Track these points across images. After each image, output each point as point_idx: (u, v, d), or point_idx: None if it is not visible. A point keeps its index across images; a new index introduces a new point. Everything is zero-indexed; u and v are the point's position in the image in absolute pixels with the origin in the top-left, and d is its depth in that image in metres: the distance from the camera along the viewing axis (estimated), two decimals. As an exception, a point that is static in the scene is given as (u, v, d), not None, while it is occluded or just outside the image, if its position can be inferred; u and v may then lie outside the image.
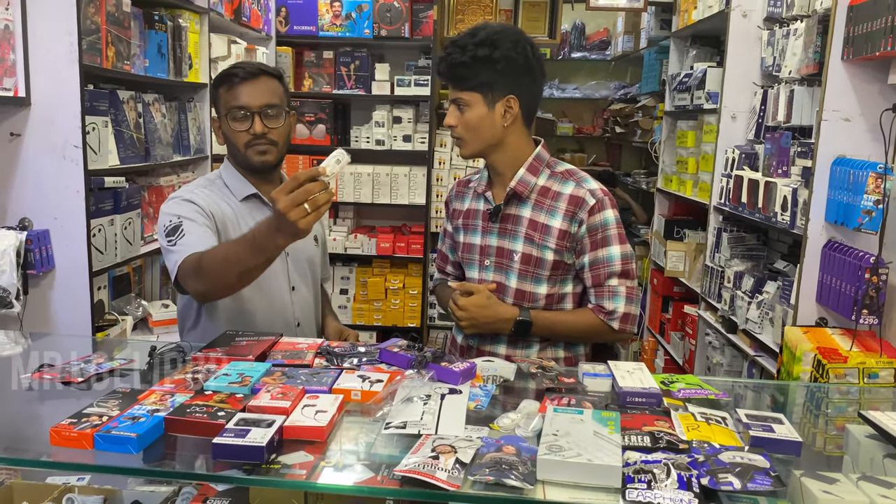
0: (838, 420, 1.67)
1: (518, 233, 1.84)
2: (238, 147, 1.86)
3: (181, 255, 1.69)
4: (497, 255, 1.87)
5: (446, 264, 2.10)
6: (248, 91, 1.84)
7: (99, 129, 2.43)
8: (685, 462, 1.14)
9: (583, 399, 1.40)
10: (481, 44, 1.73)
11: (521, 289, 1.84)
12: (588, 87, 6.39)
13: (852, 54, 2.34)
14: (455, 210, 2.01)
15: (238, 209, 1.89)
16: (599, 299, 1.83)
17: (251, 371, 1.44)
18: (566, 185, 1.83)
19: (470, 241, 1.93)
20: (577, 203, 1.80)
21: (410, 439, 1.23)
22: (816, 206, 2.46)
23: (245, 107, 1.83)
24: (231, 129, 1.85)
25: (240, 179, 1.92)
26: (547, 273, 1.82)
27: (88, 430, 1.18)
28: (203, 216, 1.79)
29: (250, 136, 1.84)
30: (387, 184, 4.35)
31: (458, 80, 1.77)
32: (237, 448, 1.14)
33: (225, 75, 1.86)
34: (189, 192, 1.85)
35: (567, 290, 1.88)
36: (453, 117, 1.81)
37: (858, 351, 2.24)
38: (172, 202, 1.83)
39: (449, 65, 1.77)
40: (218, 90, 1.88)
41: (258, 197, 1.91)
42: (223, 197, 1.89)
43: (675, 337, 4.13)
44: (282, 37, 4.28)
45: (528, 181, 1.84)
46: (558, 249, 1.81)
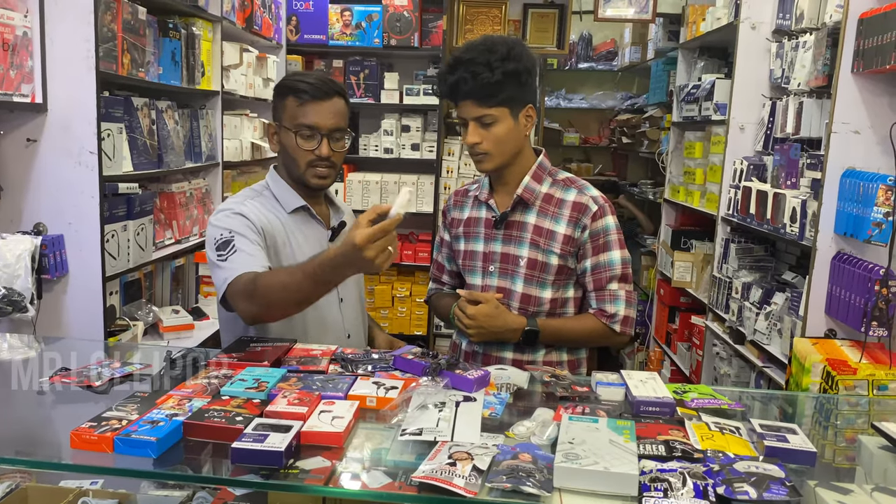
0: (849, 431, 1.67)
1: (524, 238, 1.87)
2: (298, 164, 1.82)
3: (232, 273, 1.67)
4: (502, 261, 1.90)
5: (442, 274, 2.11)
6: (321, 110, 1.79)
7: (114, 136, 2.45)
8: (701, 471, 1.15)
9: (597, 408, 1.41)
10: (506, 59, 1.73)
11: (527, 293, 1.88)
12: (595, 98, 6.42)
13: (862, 67, 2.35)
14: (454, 219, 2.03)
15: (287, 221, 1.86)
16: (601, 303, 1.88)
17: (267, 377, 1.46)
18: (569, 192, 1.88)
19: (472, 249, 1.95)
20: (580, 209, 1.85)
21: (426, 446, 1.24)
22: (826, 218, 2.47)
23: (315, 127, 1.79)
24: (295, 145, 1.80)
25: (289, 191, 1.89)
26: (552, 277, 1.87)
27: (108, 434, 1.19)
28: (254, 231, 1.76)
29: (314, 157, 1.81)
30: (395, 192, 4.37)
31: (486, 98, 1.75)
32: (256, 453, 1.15)
33: (296, 87, 1.80)
34: (239, 205, 1.81)
35: (569, 295, 1.92)
36: (476, 135, 1.78)
37: (868, 363, 2.24)
38: (222, 214, 1.79)
39: (479, 84, 1.73)
40: (285, 99, 1.82)
41: (307, 210, 1.89)
42: (272, 209, 1.86)
43: (682, 347, 4.13)
44: (292, 45, 4.31)
45: (534, 189, 1.88)
46: (563, 254, 1.85)
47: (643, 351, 5.06)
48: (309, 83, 1.80)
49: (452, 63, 1.78)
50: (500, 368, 1.63)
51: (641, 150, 5.43)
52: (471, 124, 1.79)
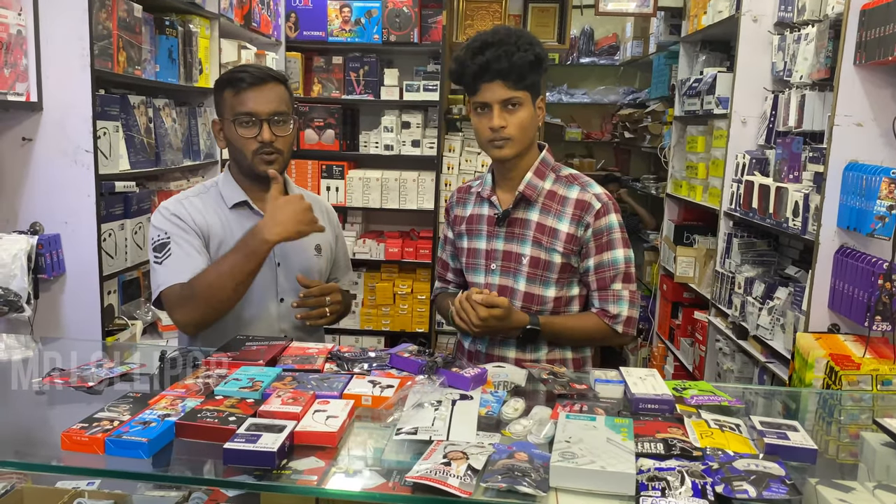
0: (852, 427, 1.65)
1: (526, 236, 1.85)
2: (244, 154, 1.83)
3: (165, 280, 1.76)
4: (504, 259, 1.88)
5: (447, 272, 2.10)
6: (256, 97, 1.80)
7: (110, 134, 2.44)
8: (699, 469, 1.13)
9: (595, 405, 1.39)
10: (533, 44, 1.75)
11: (529, 292, 1.86)
12: (597, 93, 6.39)
13: (865, 59, 2.32)
14: (457, 216, 2.01)
15: (227, 217, 1.87)
16: (604, 303, 1.86)
17: (262, 376, 1.44)
18: (571, 189, 1.86)
19: (475, 246, 1.93)
20: (583, 207, 1.83)
21: (422, 445, 1.23)
22: (828, 212, 2.44)
23: (253, 113, 1.79)
24: (237, 135, 1.81)
25: (233, 187, 1.90)
26: (555, 276, 1.84)
27: (99, 435, 1.18)
28: (189, 233, 1.80)
29: (258, 144, 1.81)
30: (395, 189, 4.35)
31: (516, 79, 1.73)
32: (248, 453, 1.14)
33: (231, 78, 1.81)
34: (178, 204, 1.86)
35: (574, 293, 1.89)
36: (502, 118, 1.75)
37: (871, 357, 2.22)
38: (161, 215, 1.84)
39: (513, 64, 1.71)
40: (222, 93, 1.83)
41: (247, 204, 1.89)
42: (214, 205, 1.88)
43: (685, 343, 4.11)
44: (291, 42, 4.29)
45: (536, 185, 1.86)
46: (566, 253, 1.83)
47: (646, 347, 5.04)
48: (240, 72, 1.83)
49: (480, 46, 1.74)
50: (497, 366, 1.62)
51: (644, 145, 5.40)
52: (496, 107, 1.75)
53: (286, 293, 1.91)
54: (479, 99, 1.77)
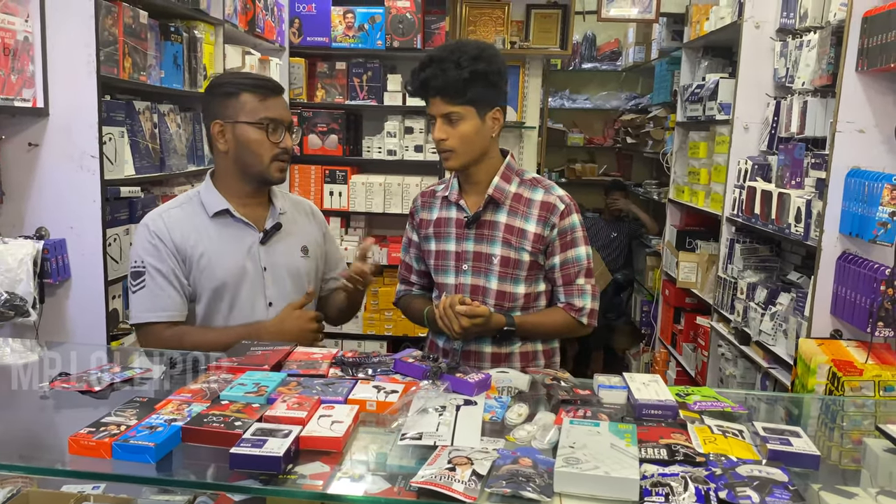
0: (854, 433, 1.66)
1: (496, 237, 1.93)
2: (262, 159, 1.86)
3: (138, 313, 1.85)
4: (475, 260, 1.95)
5: (411, 274, 2.16)
6: (281, 105, 1.88)
7: (115, 140, 2.45)
8: (703, 475, 1.14)
9: (598, 411, 1.40)
10: (477, 59, 1.80)
11: (501, 290, 1.94)
12: (599, 98, 6.40)
13: (867, 66, 2.33)
14: (422, 220, 2.06)
15: (208, 227, 1.89)
16: (569, 297, 1.97)
17: (267, 381, 1.45)
18: (536, 191, 1.95)
19: (444, 248, 2.00)
20: (548, 209, 1.93)
21: (426, 450, 1.24)
22: (831, 218, 2.45)
23: (279, 120, 1.86)
24: (262, 139, 1.84)
25: (215, 195, 1.91)
26: (524, 273, 1.94)
27: (107, 440, 1.19)
28: (164, 262, 1.84)
29: (279, 150, 1.86)
30: (398, 193, 4.36)
31: (454, 95, 1.81)
32: (254, 458, 1.15)
33: (253, 84, 1.86)
34: (158, 219, 1.88)
35: (541, 289, 1.99)
36: (443, 131, 1.85)
37: (874, 364, 2.22)
38: (141, 237, 1.87)
39: (447, 80, 1.80)
40: (237, 97, 1.84)
41: (229, 212, 1.90)
42: (195, 215, 1.90)
43: (688, 348, 4.12)
44: (295, 48, 4.31)
45: (504, 188, 1.94)
46: (533, 251, 1.92)
47: (649, 352, 5.04)
48: (260, 79, 1.90)
49: (424, 61, 1.85)
50: (501, 371, 1.62)
51: (646, 151, 5.41)
52: (438, 121, 1.85)
53: (275, 299, 1.92)
54: (428, 111, 1.89)
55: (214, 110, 1.89)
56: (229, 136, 1.87)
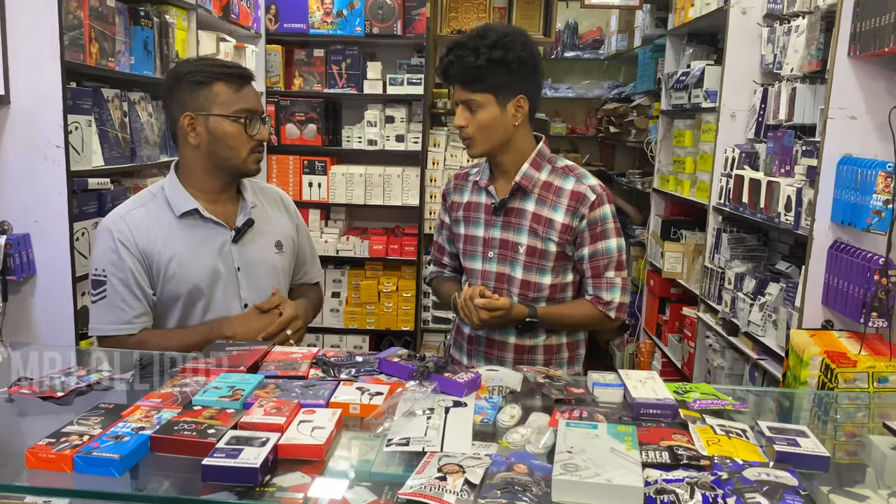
0: (849, 427, 1.61)
1: (522, 226, 1.91)
2: (239, 152, 1.77)
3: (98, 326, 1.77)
4: (501, 248, 1.93)
5: (443, 255, 2.15)
6: (253, 95, 1.79)
7: (82, 129, 2.34)
8: (709, 481, 1.07)
9: (594, 411, 1.33)
10: (494, 46, 1.76)
11: (526, 279, 1.91)
12: (581, 87, 6.33)
13: (859, 51, 2.28)
14: (454, 202, 2.05)
15: (175, 227, 1.79)
16: (598, 290, 1.93)
17: (243, 383, 1.36)
18: (567, 180, 1.91)
19: (472, 234, 1.98)
20: (578, 199, 1.88)
21: (414, 457, 1.16)
22: (822, 206, 2.40)
23: (256, 111, 1.78)
24: (239, 132, 1.75)
25: (182, 194, 1.81)
26: (551, 264, 1.90)
27: (67, 452, 1.10)
28: (125, 271, 1.74)
29: (255, 143, 1.78)
30: (379, 184, 4.27)
31: (471, 83, 1.79)
32: (229, 470, 1.07)
33: (225, 73, 1.76)
34: (121, 221, 1.76)
35: (569, 280, 1.96)
36: (463, 118, 1.83)
37: (867, 354, 2.18)
38: (102, 242, 1.76)
39: (463, 68, 1.77)
40: (209, 86, 1.74)
41: (198, 212, 1.80)
42: (161, 214, 1.80)
43: (673, 339, 4.08)
44: (271, 35, 4.19)
45: (532, 176, 1.90)
46: (561, 242, 1.89)
47: (633, 343, 5.00)
48: (232, 67, 1.79)
49: (450, 46, 1.83)
50: (490, 370, 1.55)
51: (629, 140, 5.35)
52: (459, 107, 1.84)
53: (251, 300, 1.84)
54: (452, 97, 1.87)
55: (182, 101, 1.76)
56: (201, 129, 1.75)
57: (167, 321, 1.82)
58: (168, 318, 1.82)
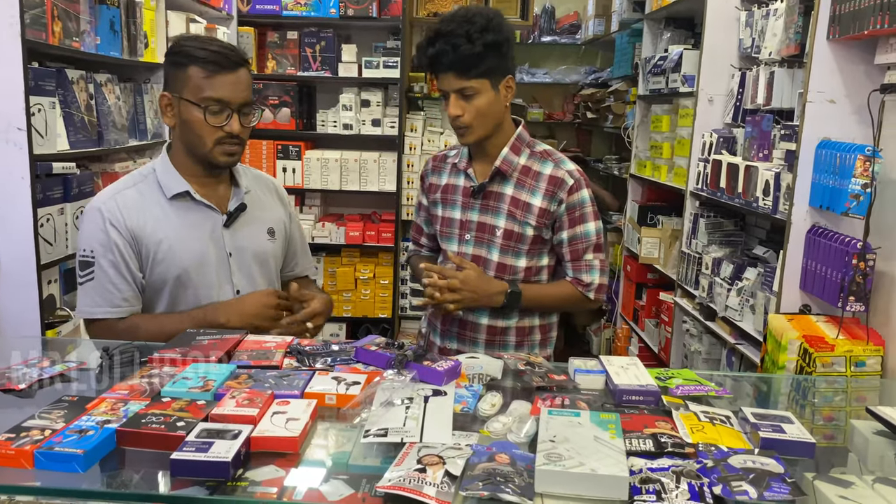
0: (830, 412, 1.61)
1: (500, 209, 1.91)
2: (204, 141, 1.69)
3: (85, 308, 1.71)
4: (478, 230, 1.93)
5: (421, 236, 2.16)
6: (230, 84, 1.67)
7: (45, 111, 2.25)
8: (694, 469, 1.05)
9: (576, 398, 1.30)
10: (486, 30, 1.74)
11: (502, 262, 1.92)
12: (558, 72, 6.29)
13: (838, 34, 2.27)
14: (432, 184, 2.05)
15: (167, 209, 1.74)
16: (577, 272, 1.95)
17: (214, 374, 1.32)
18: (545, 165, 1.92)
19: (450, 216, 1.98)
20: (556, 183, 1.89)
21: (392, 448, 1.12)
22: (801, 191, 2.40)
23: (226, 102, 1.66)
24: (201, 120, 1.66)
25: (173, 175, 1.75)
26: (527, 247, 1.91)
27: (28, 447, 1.04)
28: (115, 252, 1.68)
29: (223, 134, 1.68)
30: (355, 170, 4.21)
31: (467, 70, 1.75)
32: (199, 464, 1.02)
33: (203, 57, 1.65)
34: (111, 201, 1.71)
35: (543, 264, 1.97)
36: (459, 107, 1.79)
37: (845, 339, 2.18)
38: (91, 222, 1.71)
39: (459, 56, 1.73)
40: (185, 68, 1.66)
41: (189, 195, 1.75)
42: (152, 196, 1.74)
43: (650, 324, 4.08)
44: (243, 16, 4.10)
45: (512, 160, 1.91)
46: (538, 226, 1.89)
47: (610, 328, 5.01)
48: (214, 51, 1.66)
49: (432, 36, 1.77)
50: (470, 357, 1.51)
51: (606, 126, 5.33)
52: (452, 96, 1.80)
53: (243, 286, 1.79)
54: (439, 87, 1.82)
55: (166, 79, 1.73)
56: (175, 110, 1.71)
57: (155, 306, 1.76)
58: (157, 304, 1.76)
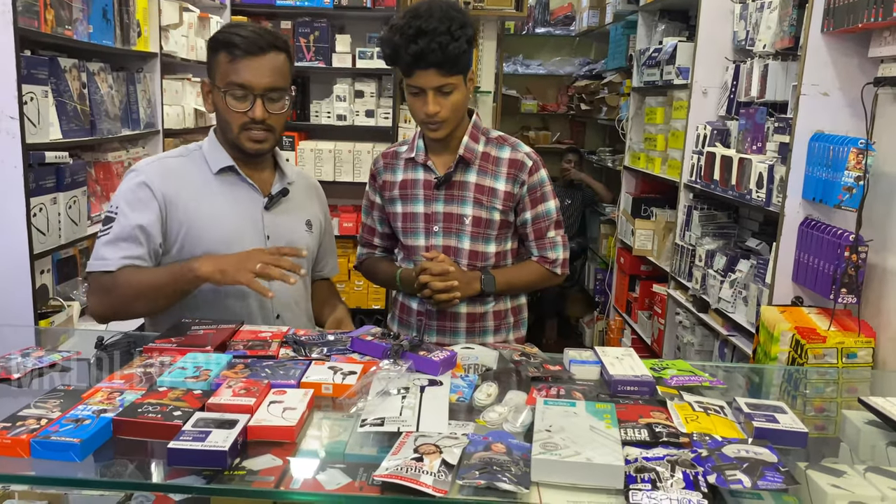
0: (821, 403, 1.62)
1: (466, 198, 1.92)
2: (232, 127, 1.67)
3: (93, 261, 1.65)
4: (446, 221, 1.93)
5: (374, 237, 2.12)
6: (254, 68, 1.63)
7: (38, 100, 2.24)
8: (689, 458, 1.06)
9: (572, 388, 1.31)
10: (464, 25, 1.75)
11: (474, 250, 1.94)
12: (552, 64, 6.29)
13: (833, 26, 2.27)
14: (386, 182, 2.01)
15: (210, 183, 1.72)
16: (542, 251, 2.00)
17: (210, 364, 1.32)
18: (503, 150, 1.95)
19: (412, 211, 1.96)
20: (517, 166, 1.93)
21: (389, 437, 1.13)
22: (794, 183, 2.41)
23: (247, 86, 1.63)
24: (227, 106, 1.65)
25: (219, 151, 1.74)
26: (495, 232, 1.94)
27: (24, 436, 1.04)
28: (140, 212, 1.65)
29: (247, 119, 1.65)
30: (349, 161, 4.20)
31: (450, 67, 1.74)
32: (196, 453, 1.02)
33: (227, 41, 1.64)
34: (150, 165, 1.72)
35: (509, 247, 2.01)
36: (436, 104, 1.77)
37: (836, 330, 2.20)
38: (128, 178, 1.71)
39: (446, 54, 1.70)
40: (216, 54, 1.66)
41: (234, 170, 1.73)
42: (195, 169, 1.73)
43: (643, 316, 4.10)
44: (237, 6, 4.07)
45: (473, 148, 1.92)
46: (504, 210, 1.93)
47: (602, 320, 5.03)
48: (242, 36, 1.64)
49: (414, 33, 1.71)
50: (466, 347, 1.52)
51: (600, 117, 5.34)
52: (430, 94, 1.77)
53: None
54: (413, 83, 1.78)
55: (207, 67, 1.72)
56: (211, 97, 1.71)
57: None
58: None
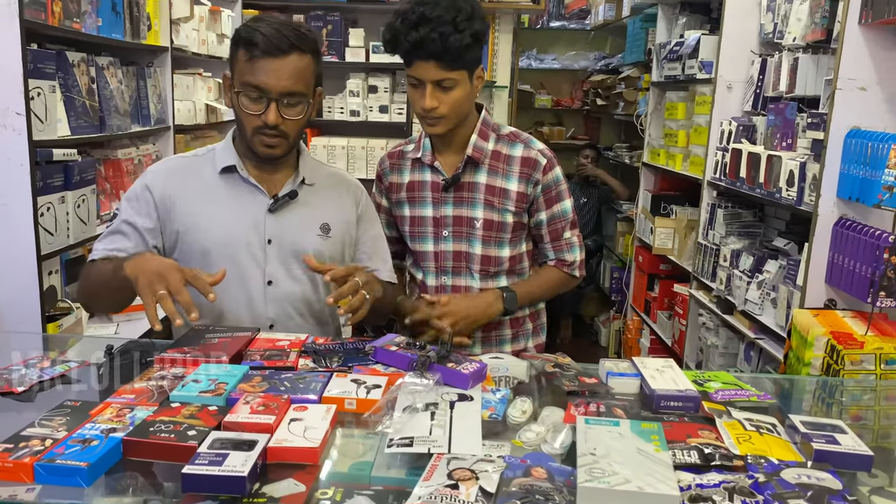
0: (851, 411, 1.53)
1: (476, 200, 1.84)
2: (244, 128, 1.59)
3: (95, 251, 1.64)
4: (455, 225, 1.85)
5: None
6: (272, 70, 1.52)
7: (45, 95, 2.16)
8: (747, 485, 0.97)
9: (612, 405, 1.22)
10: (472, 18, 1.66)
11: (486, 255, 1.85)
12: (567, 58, 6.19)
13: (871, 18, 2.17)
14: (392, 184, 1.93)
15: (213, 182, 1.65)
16: (559, 253, 1.92)
17: (226, 376, 1.24)
18: (515, 147, 1.85)
19: (420, 214, 1.88)
20: (530, 164, 1.83)
21: (417, 457, 1.05)
22: (828, 181, 2.31)
23: (262, 88, 1.53)
24: (240, 106, 1.57)
25: (228, 150, 1.67)
26: (509, 236, 1.85)
27: (27, 460, 0.96)
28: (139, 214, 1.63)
29: (261, 123, 1.55)
30: (362, 157, 4.12)
31: (452, 61, 1.65)
32: (212, 479, 0.94)
33: (247, 37, 1.53)
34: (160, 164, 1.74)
35: (524, 250, 1.92)
36: (434, 98, 1.68)
37: (874, 335, 2.10)
38: (139, 179, 1.71)
39: (448, 47, 1.62)
40: (237, 49, 1.56)
41: (235, 169, 1.65)
42: (201, 168, 1.68)
43: (663, 316, 4.00)
44: None
45: (482, 147, 1.83)
46: (517, 211, 1.84)
47: (619, 319, 4.93)
48: (263, 34, 1.52)
49: (415, 19, 1.64)
50: (495, 357, 1.43)
51: (616, 113, 5.23)
52: (428, 87, 1.68)
53: (276, 278, 1.64)
54: (413, 74, 1.70)
55: (229, 60, 1.64)
56: (230, 93, 1.61)
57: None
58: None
